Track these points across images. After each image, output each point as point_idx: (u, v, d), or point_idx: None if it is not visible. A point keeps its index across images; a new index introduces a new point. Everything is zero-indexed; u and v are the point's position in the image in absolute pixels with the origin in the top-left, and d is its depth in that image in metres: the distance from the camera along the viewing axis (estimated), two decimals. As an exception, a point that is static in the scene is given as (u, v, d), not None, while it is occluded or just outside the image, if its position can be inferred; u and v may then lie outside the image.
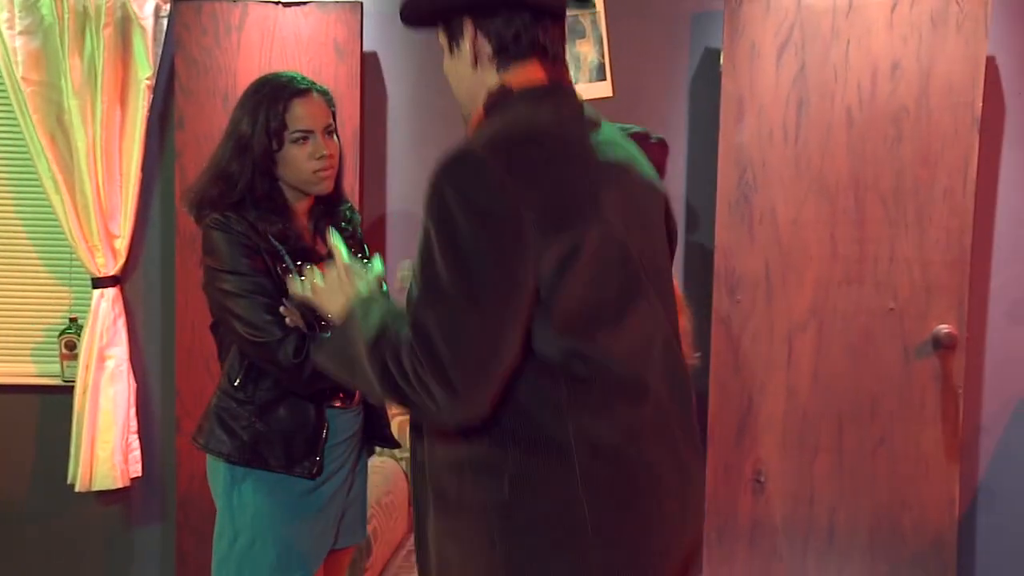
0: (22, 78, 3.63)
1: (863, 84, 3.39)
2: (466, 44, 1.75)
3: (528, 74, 1.74)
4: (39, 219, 3.93)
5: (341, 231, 2.55)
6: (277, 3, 3.62)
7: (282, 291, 2.38)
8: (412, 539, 3.38)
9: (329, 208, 2.57)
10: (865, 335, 3.43)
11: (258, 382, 2.42)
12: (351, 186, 3.61)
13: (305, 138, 2.43)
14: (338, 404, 2.50)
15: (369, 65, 3.77)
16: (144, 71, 3.67)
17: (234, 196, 2.40)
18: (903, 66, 3.37)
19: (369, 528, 2.99)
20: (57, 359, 3.88)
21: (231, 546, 2.46)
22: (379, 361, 1.61)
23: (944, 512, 3.42)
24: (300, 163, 2.43)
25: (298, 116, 2.42)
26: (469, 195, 1.57)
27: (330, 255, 2.21)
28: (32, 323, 3.96)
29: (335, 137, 2.50)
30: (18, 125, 3.70)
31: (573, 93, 1.78)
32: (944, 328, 3.36)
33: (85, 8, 3.62)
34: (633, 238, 1.70)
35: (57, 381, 3.89)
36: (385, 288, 2.68)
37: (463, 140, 1.66)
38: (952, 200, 3.37)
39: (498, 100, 1.73)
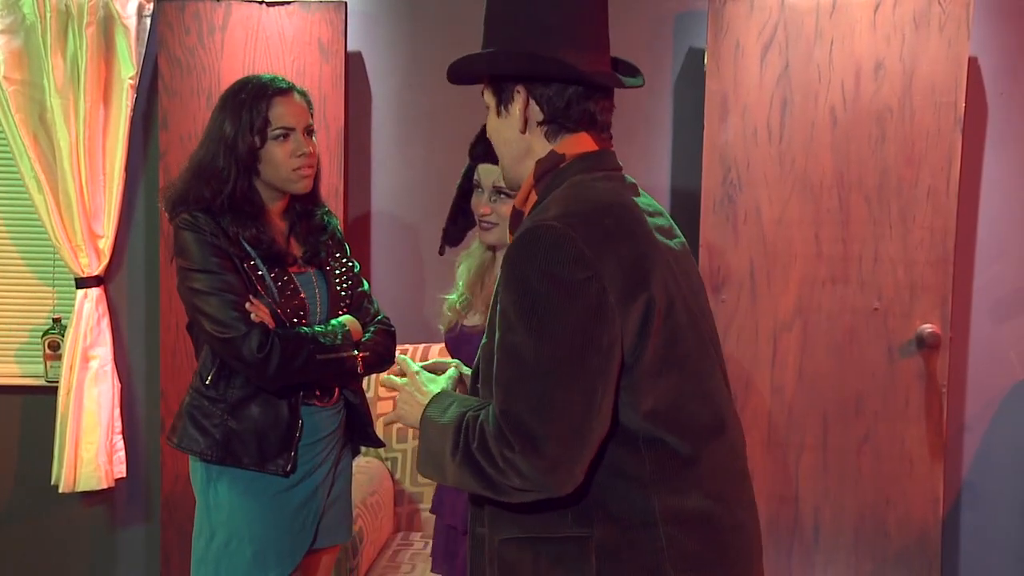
0: (4, 77, 3.61)
1: (847, 84, 3.40)
2: (516, 108, 1.76)
3: (579, 144, 1.76)
4: (22, 219, 3.91)
5: (318, 234, 2.56)
6: (261, 3, 3.61)
7: (250, 288, 2.40)
8: (398, 539, 3.38)
9: (305, 211, 2.58)
10: (849, 334, 3.45)
11: (230, 380, 2.43)
12: (336, 186, 3.62)
13: (286, 136, 2.45)
14: (315, 402, 2.51)
15: (353, 65, 3.77)
16: (127, 70, 3.65)
17: (223, 195, 2.41)
18: (886, 66, 3.38)
19: (355, 528, 2.98)
20: (41, 359, 3.87)
21: (208, 545, 2.46)
22: (464, 454, 1.63)
23: (928, 510, 3.44)
24: (281, 160, 2.45)
25: (280, 114, 2.45)
26: (550, 268, 1.58)
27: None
28: (15, 323, 3.95)
29: (314, 139, 2.52)
30: (0, 125, 3.68)
31: (616, 160, 1.81)
32: (928, 327, 3.38)
33: (67, 7, 3.60)
34: (689, 298, 1.74)
35: (41, 382, 3.87)
36: (367, 287, 2.68)
37: (535, 215, 1.68)
38: (936, 200, 3.38)
39: (550, 168, 1.75)
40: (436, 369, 1.97)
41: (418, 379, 1.85)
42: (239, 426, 2.42)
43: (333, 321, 2.52)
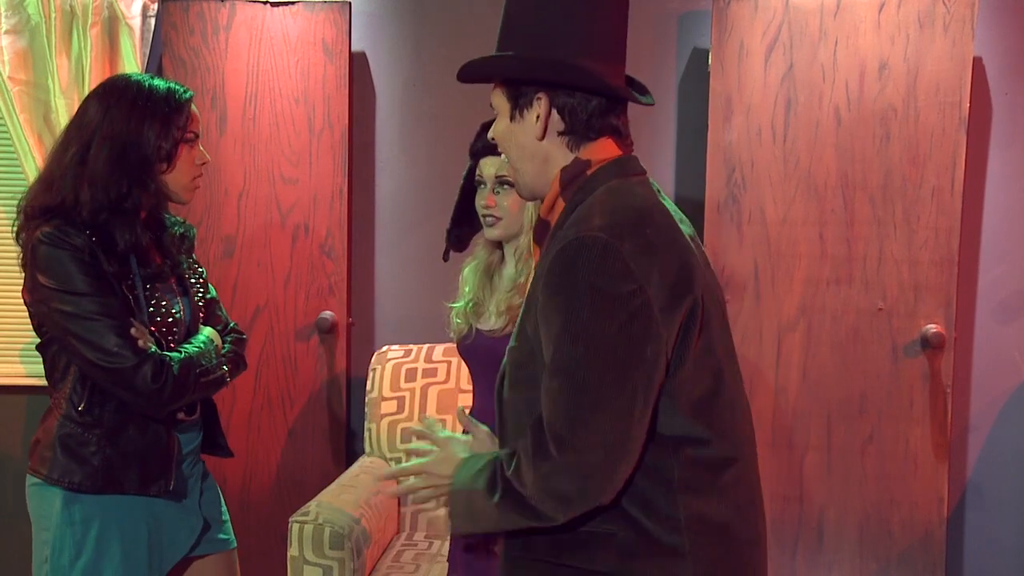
0: (9, 78, 3.62)
1: (851, 84, 3.39)
2: (533, 115, 1.72)
3: (604, 150, 1.73)
4: (27, 219, 3.91)
5: (179, 245, 2.46)
6: (265, 3, 3.62)
7: (129, 310, 2.26)
8: (402, 539, 3.38)
9: (161, 222, 2.44)
10: (854, 334, 3.44)
11: (104, 405, 2.29)
12: (339, 186, 3.63)
13: (193, 143, 2.36)
14: (181, 416, 2.41)
15: (357, 65, 3.77)
16: (131, 71, 3.66)
17: (139, 194, 2.28)
18: (891, 66, 3.38)
19: (358, 528, 2.99)
20: (45, 360, 3.87)
21: (73, 563, 2.33)
22: (503, 487, 1.63)
23: (933, 510, 3.43)
24: (188, 166, 2.35)
25: (194, 117, 2.36)
26: (596, 280, 1.57)
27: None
28: (20, 323, 3.95)
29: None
30: (5, 125, 3.69)
31: (640, 165, 1.78)
32: (932, 327, 3.37)
33: (72, 7, 3.61)
34: (718, 307, 1.73)
35: (45, 381, 3.87)
36: (214, 292, 2.57)
37: (576, 223, 1.64)
38: (940, 200, 3.38)
39: (576, 175, 1.72)
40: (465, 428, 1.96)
41: (451, 445, 1.83)
42: (118, 451, 2.30)
43: (200, 337, 2.42)
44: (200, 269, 2.56)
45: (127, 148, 2.28)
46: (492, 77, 1.78)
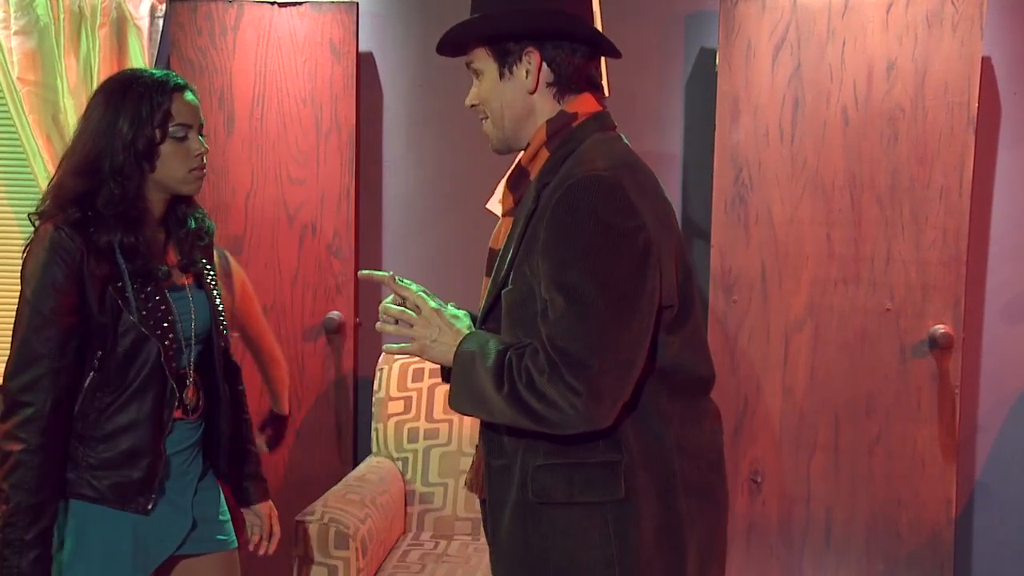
0: (18, 78, 3.63)
1: (859, 84, 3.39)
2: (523, 70, 1.78)
3: (587, 104, 1.80)
4: (35, 219, 3.92)
5: (196, 239, 2.43)
6: (272, 3, 3.63)
7: (106, 315, 2.23)
8: (408, 539, 3.38)
9: (183, 215, 2.42)
10: (861, 335, 3.44)
11: (86, 417, 2.25)
12: (347, 187, 3.63)
13: (185, 135, 2.31)
14: (179, 415, 2.36)
15: (365, 65, 3.78)
16: (140, 71, 3.67)
17: (125, 194, 2.26)
18: (899, 66, 3.37)
19: (364, 528, 2.99)
20: (53, 359, 3.88)
21: (56, 554, 2.29)
22: (511, 391, 1.69)
23: (941, 511, 3.42)
24: (178, 160, 2.30)
25: (180, 110, 2.31)
26: (603, 215, 1.65)
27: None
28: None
29: (203, 141, 2.39)
30: (14, 125, 3.70)
31: (612, 119, 1.86)
32: (940, 328, 3.37)
33: (81, 8, 3.63)
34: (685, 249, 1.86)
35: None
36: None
37: (579, 164, 1.72)
38: (948, 200, 3.37)
39: (563, 127, 1.79)
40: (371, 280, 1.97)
41: (445, 313, 1.82)
42: (98, 463, 2.26)
43: None
44: (210, 269, 2.51)
45: (99, 145, 2.28)
46: (474, 40, 1.81)
